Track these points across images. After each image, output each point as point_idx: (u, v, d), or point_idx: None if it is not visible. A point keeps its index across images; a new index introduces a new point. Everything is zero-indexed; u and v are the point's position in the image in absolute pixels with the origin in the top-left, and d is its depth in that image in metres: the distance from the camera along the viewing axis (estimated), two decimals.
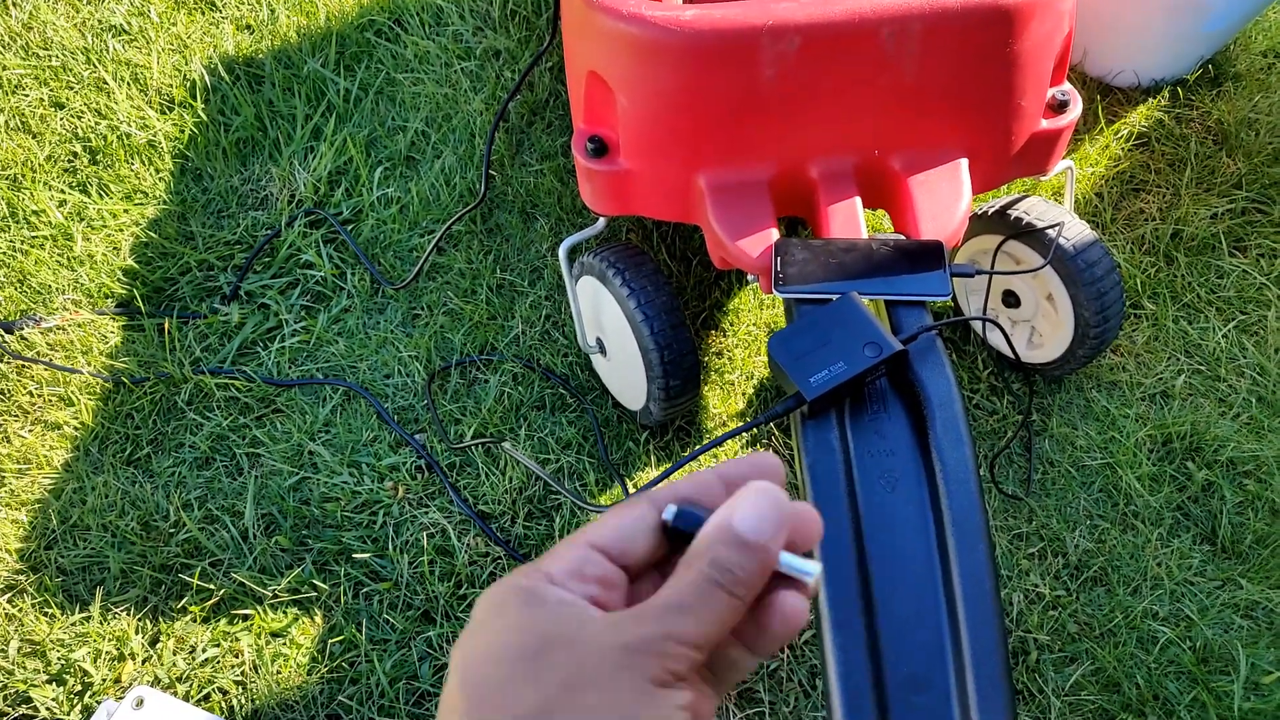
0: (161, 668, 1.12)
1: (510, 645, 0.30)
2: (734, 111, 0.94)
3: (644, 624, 0.30)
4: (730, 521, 0.32)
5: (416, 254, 1.46)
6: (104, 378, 1.35)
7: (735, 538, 0.32)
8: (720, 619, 0.31)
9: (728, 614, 0.31)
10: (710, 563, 0.31)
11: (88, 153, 1.58)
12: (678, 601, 0.31)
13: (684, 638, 0.30)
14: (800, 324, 0.83)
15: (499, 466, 1.25)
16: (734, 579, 0.31)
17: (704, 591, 0.31)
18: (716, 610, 0.31)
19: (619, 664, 0.29)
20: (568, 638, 0.30)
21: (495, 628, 0.31)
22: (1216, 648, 1.08)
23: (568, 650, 0.30)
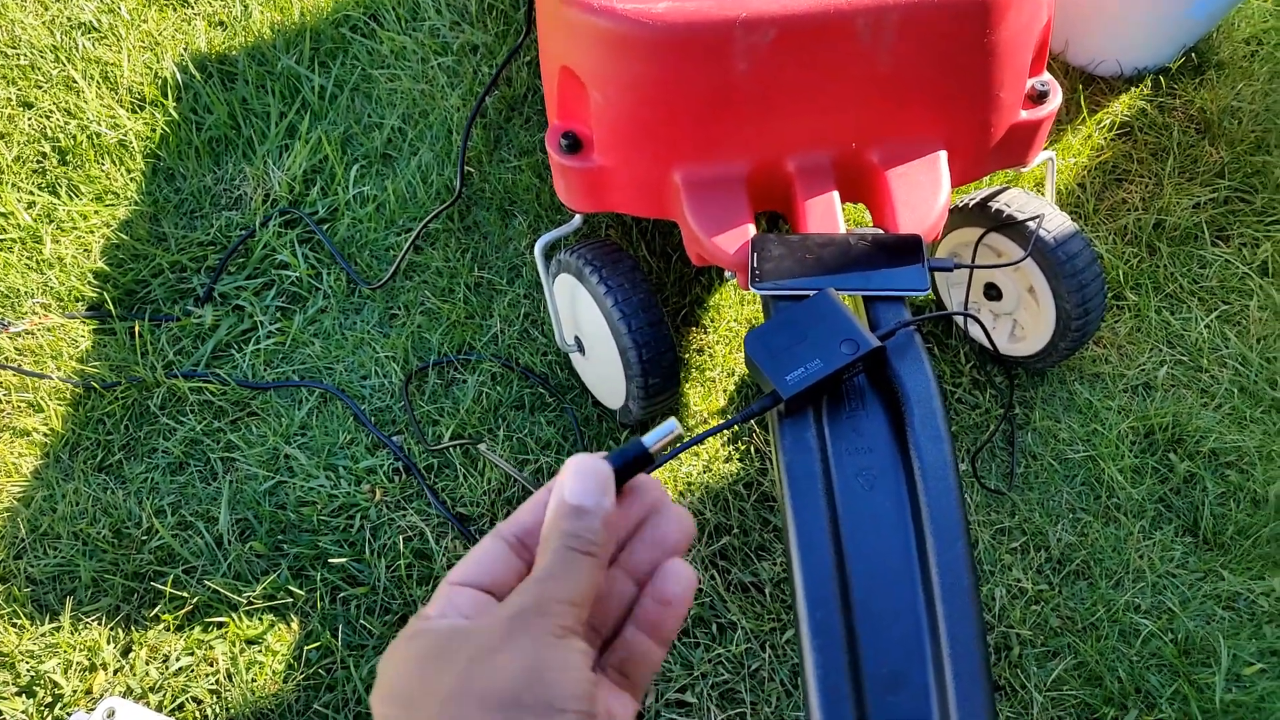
0: (134, 678, 1.10)
1: (416, 658, 0.34)
2: (708, 106, 0.93)
3: (523, 595, 0.35)
4: (563, 495, 0.37)
5: (393, 253, 1.45)
6: (74, 383, 1.33)
7: (570, 508, 0.36)
8: (585, 576, 0.35)
9: (590, 570, 0.36)
10: (560, 534, 0.36)
11: (57, 153, 1.56)
12: (545, 572, 0.35)
13: (559, 596, 0.34)
14: (777, 321, 0.82)
15: (477, 468, 1.23)
16: (583, 540, 0.36)
17: (563, 557, 0.35)
18: (579, 569, 0.35)
19: (513, 630, 0.33)
20: (460, 633, 0.34)
21: (398, 659, 0.34)
22: (1198, 639, 1.08)
23: (464, 641, 0.33)
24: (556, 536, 0.36)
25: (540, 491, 0.40)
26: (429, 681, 0.33)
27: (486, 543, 0.38)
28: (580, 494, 0.37)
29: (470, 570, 0.37)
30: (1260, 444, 1.21)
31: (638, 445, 0.41)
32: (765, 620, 1.11)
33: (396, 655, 0.35)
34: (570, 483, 0.37)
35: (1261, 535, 1.14)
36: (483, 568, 0.37)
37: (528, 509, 0.39)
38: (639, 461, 0.40)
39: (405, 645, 0.35)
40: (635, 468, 0.40)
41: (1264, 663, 1.06)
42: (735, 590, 1.13)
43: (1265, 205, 1.43)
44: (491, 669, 0.32)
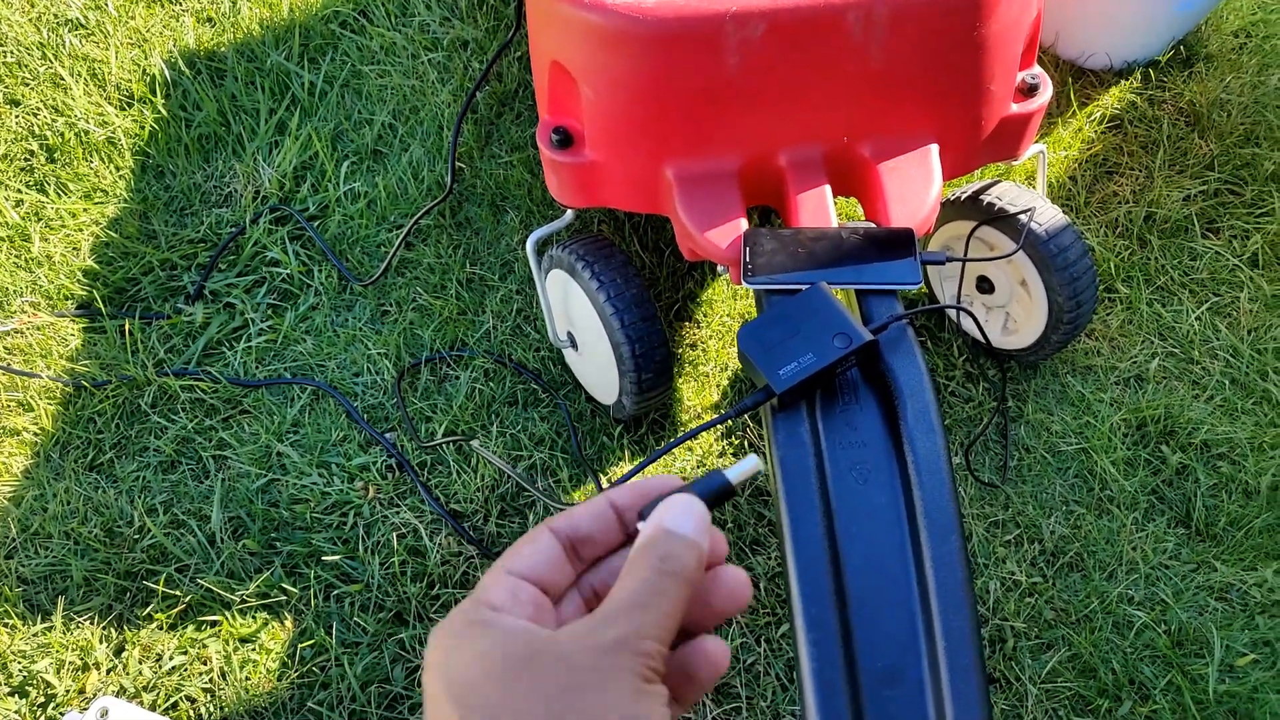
0: (127, 677, 1.09)
1: (495, 662, 0.32)
2: (700, 101, 0.92)
3: (615, 625, 0.33)
4: (663, 523, 0.36)
5: (385, 249, 1.44)
6: (64, 381, 1.32)
7: (670, 534, 0.35)
8: (677, 610, 0.34)
9: (681, 603, 0.34)
10: (659, 558, 0.34)
11: (45, 151, 1.55)
12: (635, 600, 0.33)
13: (651, 633, 0.33)
14: (769, 315, 0.82)
15: (471, 464, 1.23)
16: (681, 566, 0.34)
17: (657, 585, 0.34)
18: (672, 600, 0.34)
19: (607, 667, 0.31)
20: (541, 652, 0.32)
21: (470, 653, 0.32)
22: (1191, 631, 1.08)
23: (554, 661, 0.32)
24: (653, 559, 0.34)
25: (596, 500, 0.39)
26: (515, 699, 0.31)
27: (543, 537, 0.37)
28: (685, 525, 0.36)
29: (528, 563, 0.36)
30: (1251, 435, 1.21)
31: (720, 478, 0.39)
32: (760, 615, 1.11)
33: (468, 647, 0.33)
34: (674, 511, 0.36)
35: (1253, 526, 1.14)
36: (539, 562, 0.36)
37: (585, 514, 0.38)
38: (721, 495, 0.39)
39: (477, 637, 0.33)
40: (716, 501, 0.39)
41: (1257, 653, 1.06)
42: None
43: (1255, 197, 1.44)
44: (585, 709, 0.30)
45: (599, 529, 0.38)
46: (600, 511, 0.38)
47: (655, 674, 0.32)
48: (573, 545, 0.38)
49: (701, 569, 0.36)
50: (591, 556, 0.39)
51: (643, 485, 0.39)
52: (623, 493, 0.39)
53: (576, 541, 0.38)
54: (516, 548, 0.37)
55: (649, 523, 0.36)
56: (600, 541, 0.38)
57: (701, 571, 0.36)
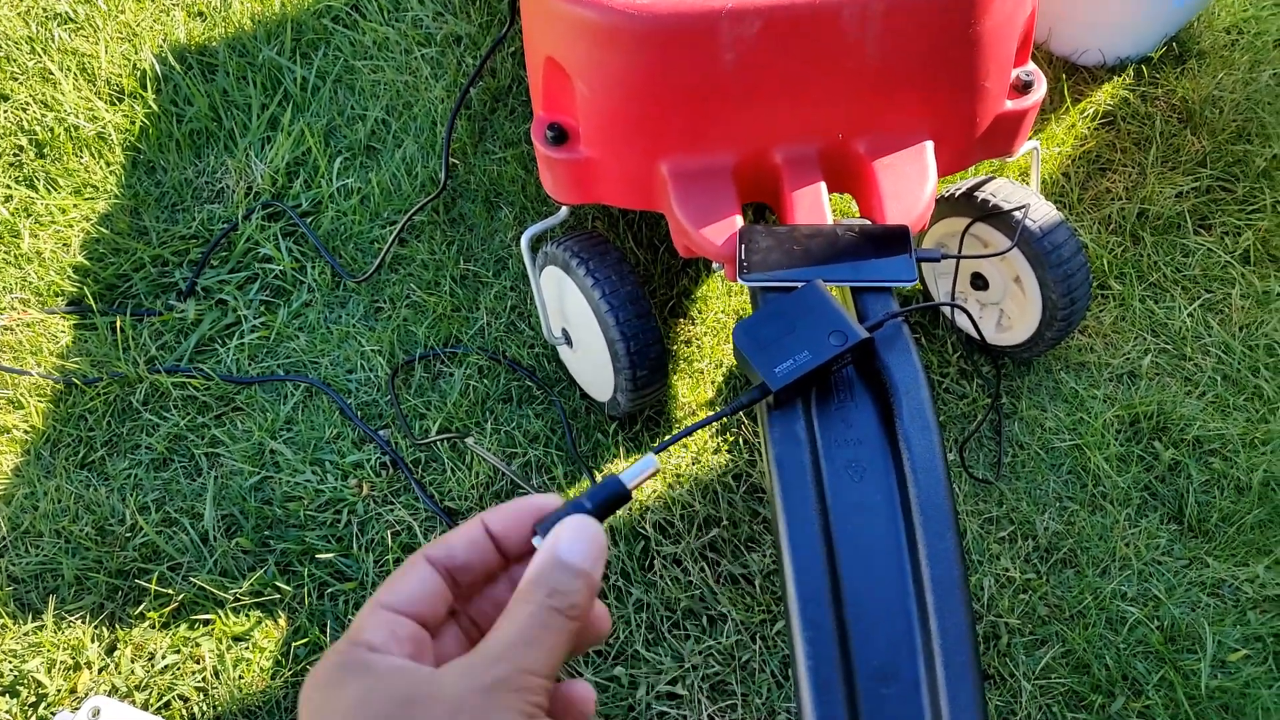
0: (119, 676, 1.09)
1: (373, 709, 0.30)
2: (695, 97, 0.92)
3: (498, 664, 0.31)
4: (557, 552, 0.34)
5: (378, 246, 1.43)
6: (55, 379, 1.31)
7: (563, 565, 0.34)
8: (563, 645, 0.33)
9: (568, 640, 0.33)
10: (548, 593, 0.33)
11: (34, 146, 1.53)
12: (523, 635, 0.32)
13: (538, 669, 0.32)
14: (764, 312, 0.82)
15: (465, 462, 1.23)
16: (571, 604, 0.33)
17: (546, 621, 0.33)
18: (559, 637, 0.33)
19: (485, 707, 0.30)
20: (422, 694, 0.30)
21: (346, 699, 0.30)
22: (1184, 627, 1.09)
23: (428, 706, 0.30)
24: (542, 593, 0.33)
25: (471, 526, 0.37)
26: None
27: (419, 567, 0.35)
28: (579, 554, 0.34)
29: (405, 597, 0.34)
30: (1243, 431, 1.21)
31: (615, 483, 0.39)
32: (755, 612, 1.11)
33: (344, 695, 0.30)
34: (571, 540, 0.35)
35: (1245, 522, 1.15)
36: (416, 595, 0.34)
37: (460, 540, 0.36)
38: (617, 501, 0.38)
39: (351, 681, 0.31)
40: (613, 506, 0.38)
41: (1249, 649, 1.07)
42: (725, 582, 1.13)
43: (1246, 194, 1.44)
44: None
45: (476, 556, 0.37)
46: (475, 538, 0.37)
47: (540, 710, 0.31)
48: (450, 574, 0.36)
49: (592, 601, 0.34)
50: (469, 584, 0.37)
51: (519, 506, 0.37)
52: (498, 516, 0.37)
53: (454, 570, 0.36)
54: (391, 581, 0.35)
55: (539, 552, 0.35)
56: (478, 568, 0.37)
57: (592, 603, 0.34)
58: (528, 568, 0.34)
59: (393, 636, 0.33)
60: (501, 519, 0.37)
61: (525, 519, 0.37)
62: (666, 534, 1.17)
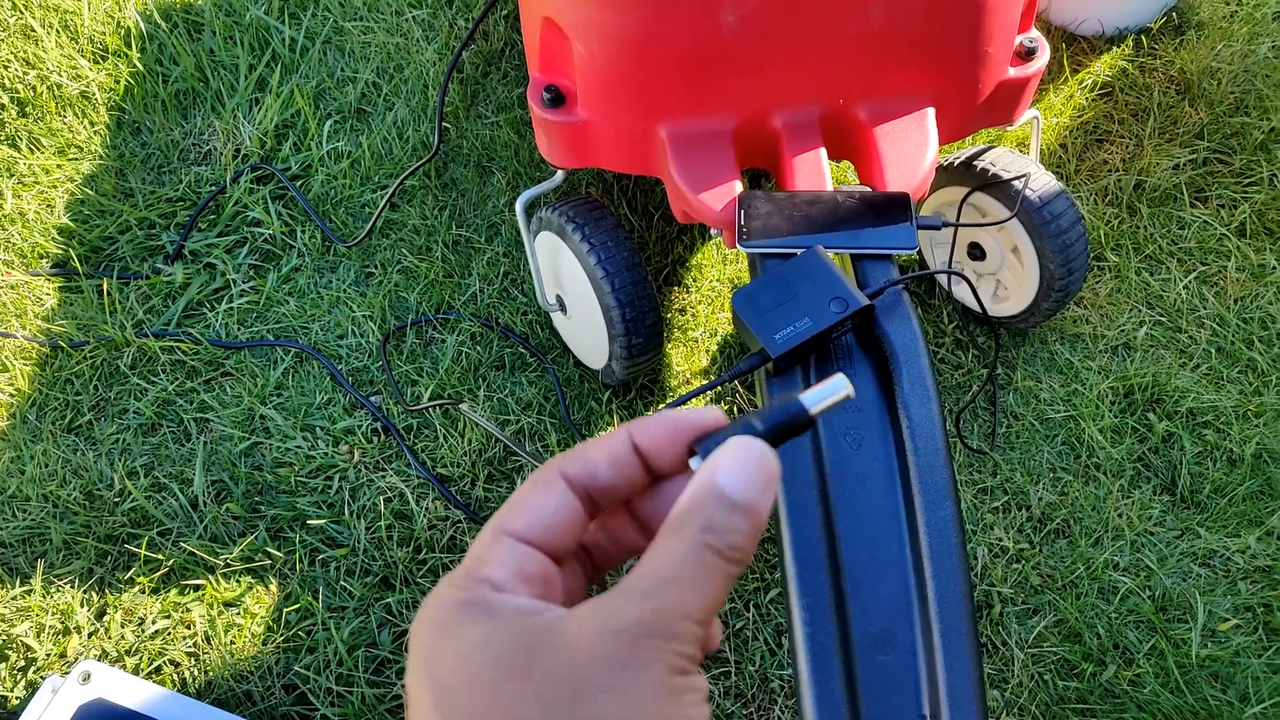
0: (109, 641, 1.08)
1: (487, 664, 0.26)
2: (695, 59, 0.91)
3: (644, 604, 0.26)
4: (717, 481, 0.28)
5: (369, 210, 1.41)
6: (40, 342, 1.29)
7: (727, 499, 0.28)
8: (719, 591, 0.27)
9: (725, 585, 0.28)
10: (703, 527, 0.28)
11: (16, 105, 1.50)
12: (671, 573, 0.27)
13: (691, 612, 0.27)
14: (765, 279, 0.81)
15: (458, 428, 1.22)
16: (730, 544, 0.28)
17: (700, 559, 0.27)
18: (716, 579, 0.27)
19: (627, 657, 0.25)
20: (551, 640, 0.26)
21: (458, 650, 0.27)
22: (1175, 596, 1.09)
23: (558, 653, 0.26)
24: (698, 527, 0.28)
25: (615, 440, 0.31)
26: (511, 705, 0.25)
27: (554, 488, 0.30)
28: (744, 487, 0.28)
29: (534, 520, 0.29)
30: (1237, 404, 1.22)
31: (796, 406, 0.32)
32: (749, 579, 1.11)
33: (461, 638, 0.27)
34: (732, 468, 0.29)
35: (1237, 494, 1.15)
36: (549, 523, 0.29)
37: (603, 456, 0.31)
38: (795, 429, 0.32)
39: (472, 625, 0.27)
40: (790, 433, 0.32)
41: (1238, 619, 1.08)
42: None
43: (1243, 166, 1.43)
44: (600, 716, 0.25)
45: (620, 475, 0.31)
46: (620, 454, 0.31)
47: (691, 663, 0.27)
48: (589, 496, 0.31)
49: (755, 543, 0.29)
50: (607, 504, 0.32)
51: (674, 420, 0.31)
52: (647, 430, 0.31)
53: (594, 492, 0.31)
54: (521, 500, 0.30)
55: (697, 476, 0.29)
56: (621, 490, 0.31)
57: (755, 545, 0.29)
58: (681, 496, 0.29)
59: (520, 573, 0.28)
60: (652, 434, 0.31)
61: (681, 435, 0.31)
62: None
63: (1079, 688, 1.04)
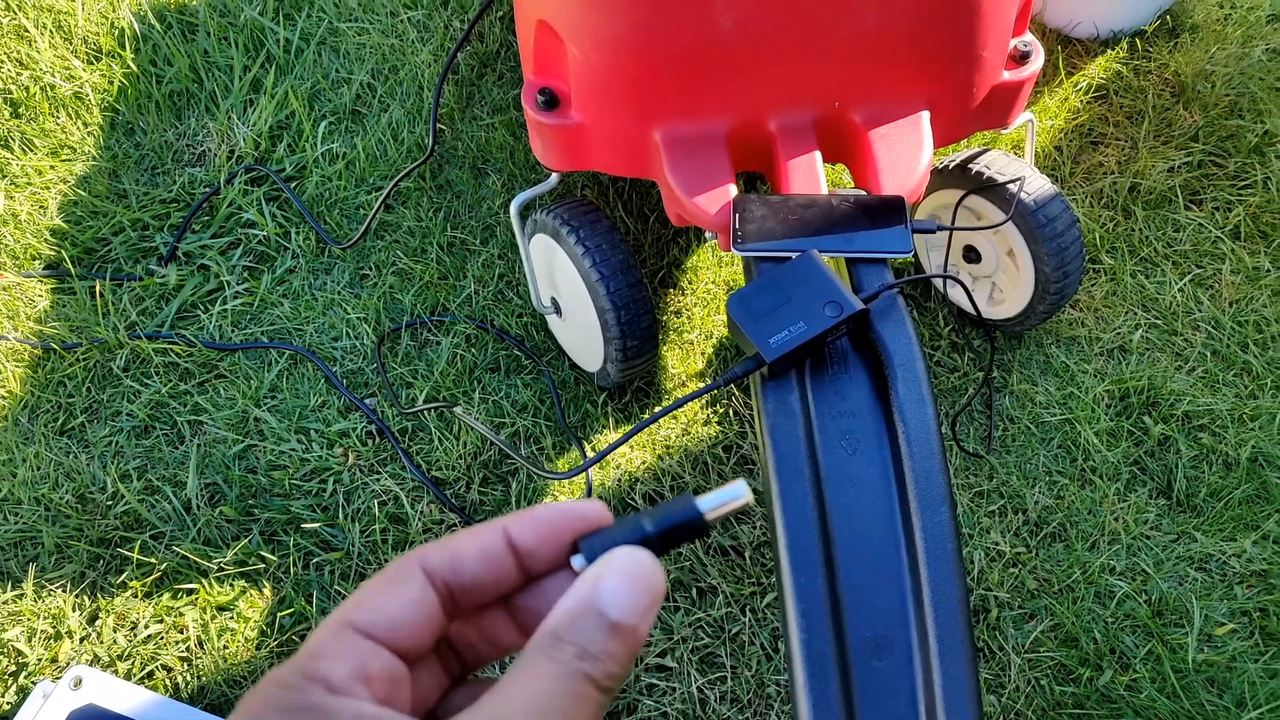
0: (101, 646, 1.08)
1: None
2: (690, 62, 0.90)
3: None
4: (598, 601, 0.26)
5: (363, 212, 1.41)
6: (33, 344, 1.29)
7: (606, 622, 0.26)
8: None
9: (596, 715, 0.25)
10: (579, 653, 0.25)
11: (9, 105, 1.50)
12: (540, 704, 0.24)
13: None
14: (759, 283, 0.81)
15: (453, 431, 1.21)
16: (606, 672, 0.25)
17: (573, 689, 0.25)
18: (587, 710, 0.25)
19: None
20: None
21: None
22: (1171, 600, 1.09)
23: None
24: (573, 652, 0.25)
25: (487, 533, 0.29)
26: None
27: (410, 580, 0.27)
28: (628, 608, 0.26)
29: (383, 617, 0.27)
30: (1232, 407, 1.22)
31: (690, 510, 0.29)
32: (745, 584, 1.11)
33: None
34: (616, 586, 0.26)
35: (1233, 497, 1.15)
36: (399, 618, 0.27)
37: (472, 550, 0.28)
38: (689, 531, 0.29)
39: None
40: (682, 538, 0.29)
41: (1235, 623, 1.07)
42: (715, 554, 1.13)
43: (1238, 169, 1.44)
44: None
45: (489, 573, 0.28)
46: (491, 550, 0.28)
47: None
48: (449, 592, 0.28)
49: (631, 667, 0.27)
50: (471, 607, 0.29)
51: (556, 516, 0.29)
52: (525, 525, 0.29)
53: (456, 589, 0.28)
54: (369, 592, 0.27)
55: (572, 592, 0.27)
56: (488, 588, 0.29)
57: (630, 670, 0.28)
58: (558, 606, 0.26)
59: (360, 673, 0.25)
60: (531, 529, 0.29)
61: (562, 533, 0.29)
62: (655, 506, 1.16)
63: (1075, 693, 1.04)
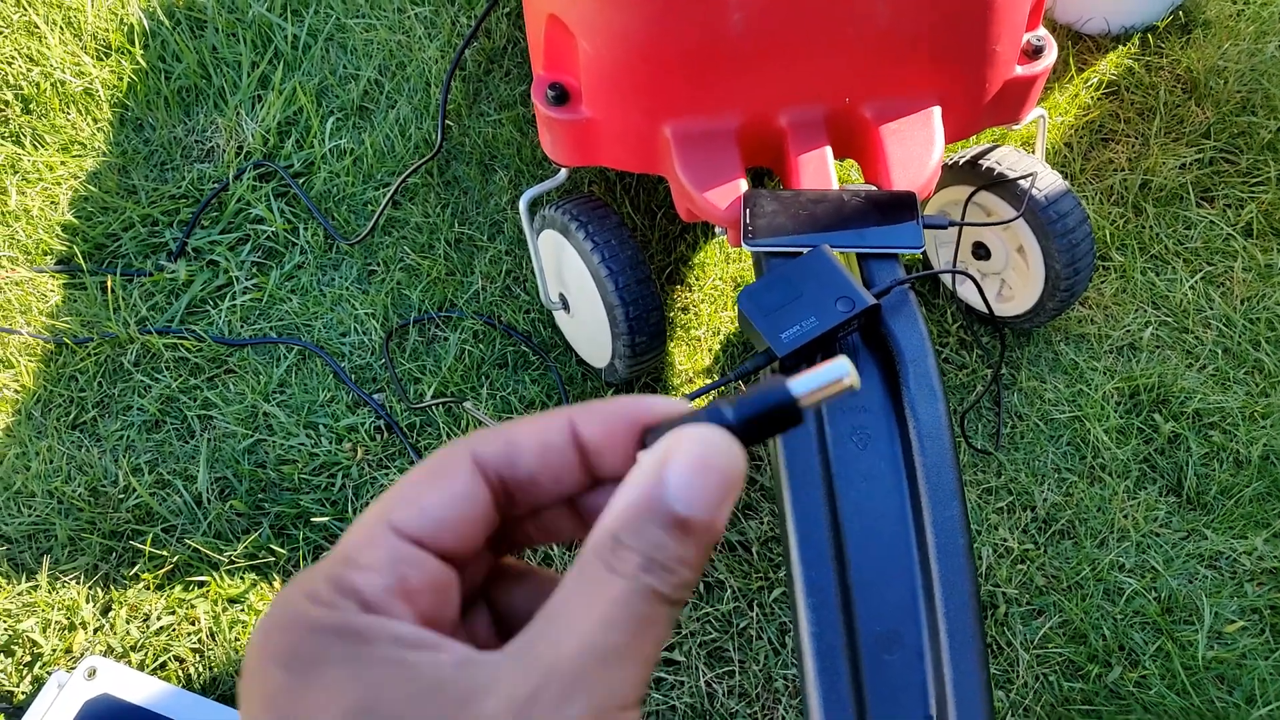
0: (114, 637, 1.08)
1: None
2: (700, 57, 0.90)
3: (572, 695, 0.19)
4: (666, 493, 0.21)
5: (371, 208, 1.41)
6: (45, 338, 1.29)
7: (677, 520, 0.21)
8: (660, 646, 0.21)
9: (666, 636, 0.21)
10: (645, 564, 0.21)
11: (20, 101, 1.50)
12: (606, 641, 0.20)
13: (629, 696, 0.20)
14: (770, 278, 0.81)
15: (460, 426, 1.21)
16: (679, 581, 0.21)
17: (642, 612, 0.20)
18: (658, 632, 0.21)
19: None
20: (440, 703, 0.19)
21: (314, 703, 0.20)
22: (1181, 598, 1.09)
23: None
24: (638, 563, 0.21)
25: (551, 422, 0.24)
26: None
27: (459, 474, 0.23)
28: (700, 500, 0.21)
29: (429, 516, 0.22)
30: (1243, 405, 1.21)
31: (781, 393, 0.23)
32: (753, 579, 1.11)
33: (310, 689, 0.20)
34: (686, 473, 0.21)
35: (1244, 495, 1.15)
36: (447, 517, 0.22)
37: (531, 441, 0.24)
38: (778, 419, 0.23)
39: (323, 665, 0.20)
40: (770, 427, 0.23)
41: (1245, 620, 1.07)
42: (722, 549, 1.13)
43: (1250, 166, 1.43)
44: None
45: (549, 469, 0.24)
46: (555, 444, 0.24)
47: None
48: (504, 488, 0.24)
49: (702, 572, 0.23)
50: (527, 506, 0.25)
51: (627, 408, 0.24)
52: (594, 417, 0.24)
53: (511, 485, 0.24)
54: (412, 485, 0.23)
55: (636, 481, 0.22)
56: (547, 489, 0.24)
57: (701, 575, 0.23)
58: (613, 503, 0.22)
59: (400, 586, 0.21)
60: (600, 422, 0.24)
61: (635, 431, 0.24)
62: None
63: (1084, 689, 1.04)
